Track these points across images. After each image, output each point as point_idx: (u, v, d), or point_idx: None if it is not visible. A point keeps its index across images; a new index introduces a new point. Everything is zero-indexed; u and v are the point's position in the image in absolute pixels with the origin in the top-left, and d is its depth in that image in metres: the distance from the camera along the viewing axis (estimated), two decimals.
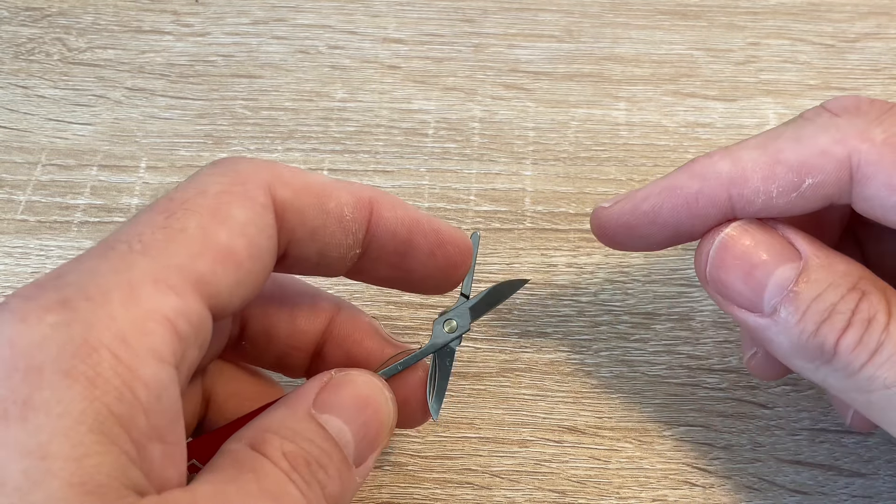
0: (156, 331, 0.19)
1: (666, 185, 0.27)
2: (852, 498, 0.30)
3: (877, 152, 0.24)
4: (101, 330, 0.18)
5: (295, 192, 0.23)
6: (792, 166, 0.25)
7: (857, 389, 0.24)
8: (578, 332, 0.34)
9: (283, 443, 0.22)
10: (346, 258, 0.25)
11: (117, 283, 0.19)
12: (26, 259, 0.36)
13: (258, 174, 0.22)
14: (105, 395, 0.18)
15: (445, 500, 0.30)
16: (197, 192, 0.22)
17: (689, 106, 0.41)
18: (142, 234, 0.20)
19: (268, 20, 0.44)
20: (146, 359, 0.19)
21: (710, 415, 0.32)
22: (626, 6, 0.44)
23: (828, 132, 0.25)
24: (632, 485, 0.30)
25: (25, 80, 0.42)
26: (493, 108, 0.41)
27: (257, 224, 0.22)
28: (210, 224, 0.21)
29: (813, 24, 0.44)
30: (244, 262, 0.21)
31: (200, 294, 0.20)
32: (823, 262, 0.24)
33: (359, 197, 0.24)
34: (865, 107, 0.25)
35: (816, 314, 0.24)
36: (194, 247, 0.20)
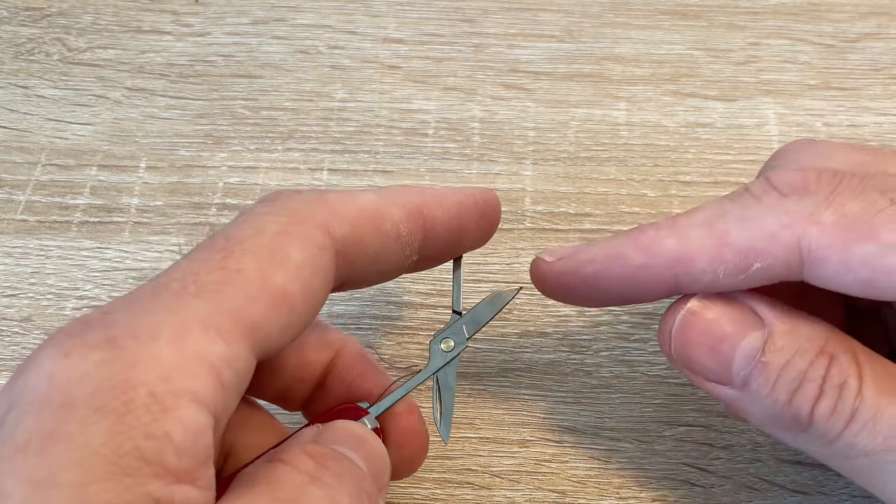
0: (199, 375, 0.19)
1: (610, 252, 0.26)
2: (852, 498, 0.30)
3: (828, 235, 0.23)
4: (142, 370, 0.18)
5: (352, 224, 0.23)
6: (739, 249, 0.24)
7: (838, 456, 0.24)
8: (578, 332, 0.34)
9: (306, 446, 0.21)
10: (402, 267, 0.25)
11: (167, 324, 0.19)
12: (26, 259, 0.36)
13: (315, 212, 0.22)
14: (132, 430, 0.18)
15: (445, 500, 0.30)
16: (254, 232, 0.21)
17: (690, 106, 0.41)
18: (197, 275, 0.20)
19: (268, 20, 0.44)
20: (185, 400, 0.18)
21: (711, 415, 0.32)
22: (626, 6, 0.44)
23: (775, 214, 0.24)
24: (632, 485, 0.30)
25: (25, 80, 0.42)
26: (493, 108, 0.41)
27: (313, 265, 0.22)
28: (267, 266, 0.21)
29: (813, 24, 0.44)
30: (297, 306, 0.21)
31: (250, 340, 0.20)
32: (788, 327, 0.24)
33: (409, 209, 0.24)
34: (813, 184, 0.24)
35: (787, 383, 0.23)
36: (250, 290, 0.20)
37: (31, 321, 0.34)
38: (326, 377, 0.27)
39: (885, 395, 0.23)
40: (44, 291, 0.35)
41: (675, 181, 0.38)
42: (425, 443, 0.27)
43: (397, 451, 0.26)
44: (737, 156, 0.39)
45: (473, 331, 0.28)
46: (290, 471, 0.21)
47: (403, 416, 0.26)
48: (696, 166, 0.38)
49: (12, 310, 0.34)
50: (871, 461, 0.23)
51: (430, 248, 0.25)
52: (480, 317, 0.28)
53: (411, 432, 0.26)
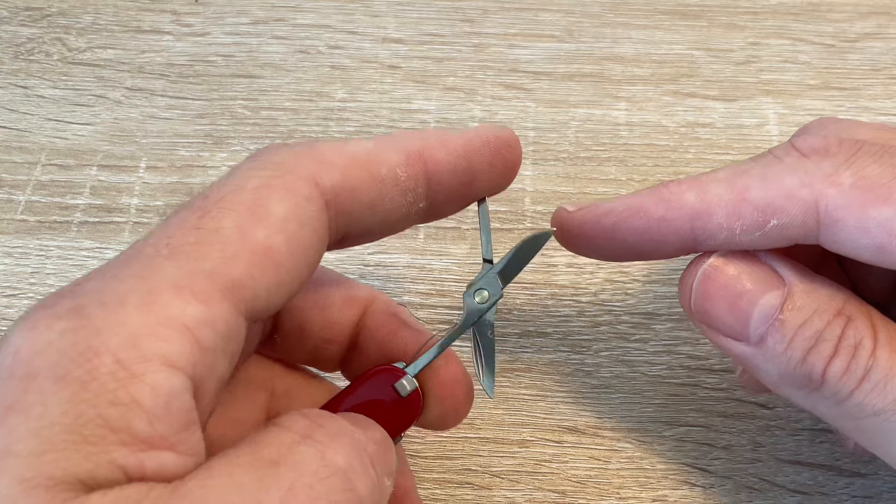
0: (170, 338, 0.18)
1: (630, 203, 0.26)
2: (852, 498, 0.30)
3: (845, 196, 0.23)
4: (108, 335, 0.18)
5: (343, 171, 0.22)
6: (758, 206, 0.24)
7: (847, 416, 0.24)
8: (578, 332, 0.34)
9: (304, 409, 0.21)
10: (410, 215, 0.24)
11: (135, 290, 0.18)
12: (26, 259, 0.36)
13: (299, 163, 0.21)
14: (95, 398, 0.17)
15: (445, 500, 0.30)
16: (234, 189, 0.21)
17: (690, 106, 0.41)
18: (171, 237, 0.20)
19: (268, 20, 0.44)
20: (155, 365, 0.18)
21: (711, 415, 0.32)
22: (627, 6, 0.44)
23: (795, 174, 0.24)
24: (632, 485, 0.30)
25: (25, 80, 0.42)
26: (493, 108, 0.41)
27: (299, 218, 0.21)
28: (247, 222, 0.20)
29: (813, 24, 0.44)
30: (284, 261, 0.20)
31: (233, 300, 0.19)
32: (807, 287, 0.24)
33: (408, 153, 0.23)
34: (834, 147, 0.25)
35: (803, 341, 0.24)
36: (229, 248, 0.19)
37: None
38: (358, 337, 0.26)
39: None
40: (44, 291, 0.35)
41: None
42: (470, 392, 0.26)
43: (440, 404, 0.25)
44: (737, 156, 0.39)
45: (508, 279, 0.26)
46: (279, 431, 0.20)
47: (443, 366, 0.25)
48: (697, 166, 0.38)
49: (12, 310, 0.34)
50: (879, 421, 0.23)
51: (438, 194, 0.24)
52: (513, 263, 0.26)
53: (453, 381, 0.26)
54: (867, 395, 0.23)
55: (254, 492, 0.18)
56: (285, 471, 0.19)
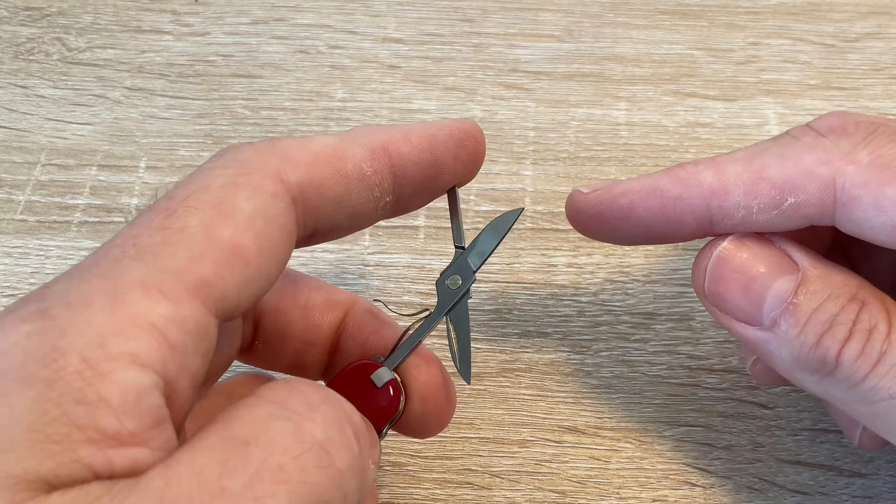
0: (138, 336, 0.18)
1: (647, 184, 0.26)
2: (853, 498, 0.30)
3: (863, 174, 0.24)
4: (73, 336, 0.17)
5: (308, 168, 0.22)
6: (775, 183, 0.25)
7: (861, 401, 0.24)
8: (578, 332, 0.34)
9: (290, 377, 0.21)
10: (377, 210, 0.24)
11: (101, 290, 0.18)
12: (25, 259, 0.36)
13: (264, 161, 0.21)
14: (60, 396, 0.17)
15: (445, 500, 0.30)
16: (199, 188, 0.20)
17: (690, 106, 0.41)
18: (138, 237, 0.19)
19: (268, 20, 0.44)
20: (123, 363, 0.18)
21: (711, 415, 0.32)
22: (627, 6, 0.44)
23: (813, 152, 0.25)
24: (632, 485, 0.30)
25: (25, 79, 0.42)
26: (493, 108, 0.40)
27: (266, 215, 0.21)
28: (213, 220, 0.20)
29: (813, 24, 0.44)
30: (253, 258, 0.20)
31: (202, 298, 0.19)
32: (821, 272, 0.24)
33: (372, 147, 0.23)
34: (852, 127, 0.25)
35: (817, 325, 0.24)
36: (195, 247, 0.19)
37: None
38: (339, 339, 0.26)
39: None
40: None
41: None
42: (451, 394, 0.26)
43: (422, 406, 0.25)
44: None
45: (480, 263, 0.26)
46: (256, 403, 0.20)
47: (423, 368, 0.25)
48: None
49: None
50: (894, 404, 0.23)
51: (404, 188, 0.24)
52: (485, 247, 0.26)
53: (433, 384, 0.26)
54: (882, 378, 0.23)
55: (216, 477, 0.17)
56: (254, 450, 0.18)
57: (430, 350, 0.26)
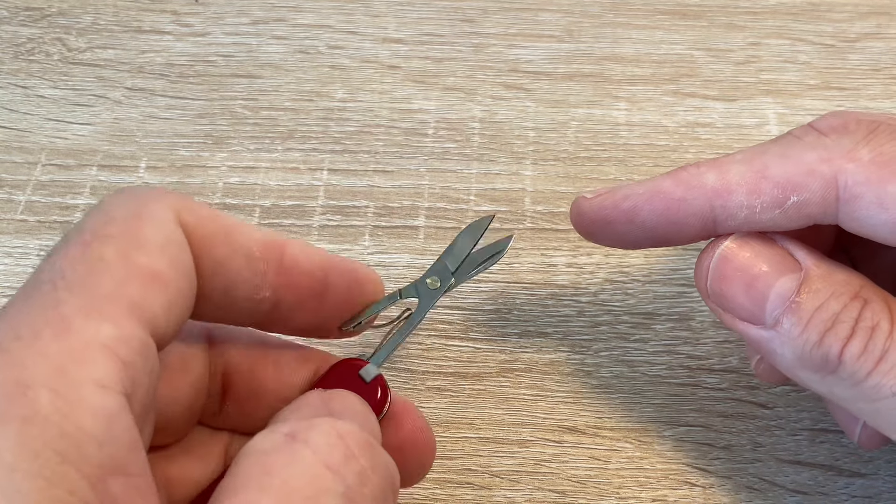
0: (95, 359, 0.18)
1: (650, 186, 0.27)
2: (852, 498, 0.30)
3: (864, 171, 0.24)
4: (33, 368, 0.17)
5: (200, 219, 0.22)
6: (778, 182, 0.25)
7: (864, 398, 0.24)
8: (578, 332, 0.34)
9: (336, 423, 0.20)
10: (254, 300, 0.23)
11: (46, 320, 0.18)
12: (26, 259, 0.36)
13: (162, 198, 0.22)
14: (43, 433, 0.17)
15: (445, 500, 0.30)
16: (105, 221, 0.20)
17: (690, 106, 0.41)
18: (63, 271, 0.19)
19: (268, 20, 0.44)
20: (89, 388, 0.17)
21: (711, 415, 0.32)
22: (626, 6, 0.44)
23: (815, 150, 0.25)
24: (632, 485, 0.30)
25: (25, 80, 0.42)
26: (493, 108, 0.41)
27: (175, 242, 0.21)
28: (128, 249, 0.20)
29: (813, 24, 0.44)
30: (171, 282, 0.20)
31: (137, 319, 0.19)
32: (824, 271, 0.24)
33: (269, 237, 0.23)
34: (853, 126, 0.25)
35: (820, 324, 0.24)
36: (118, 274, 0.19)
37: None
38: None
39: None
40: None
41: None
42: (431, 442, 0.26)
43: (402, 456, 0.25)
44: None
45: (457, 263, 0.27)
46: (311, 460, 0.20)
47: (404, 417, 0.26)
48: None
49: None
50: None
51: (286, 292, 0.24)
52: (461, 251, 0.28)
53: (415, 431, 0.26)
54: (884, 375, 0.23)
55: None
56: None
57: (403, 398, 0.26)
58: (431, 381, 0.32)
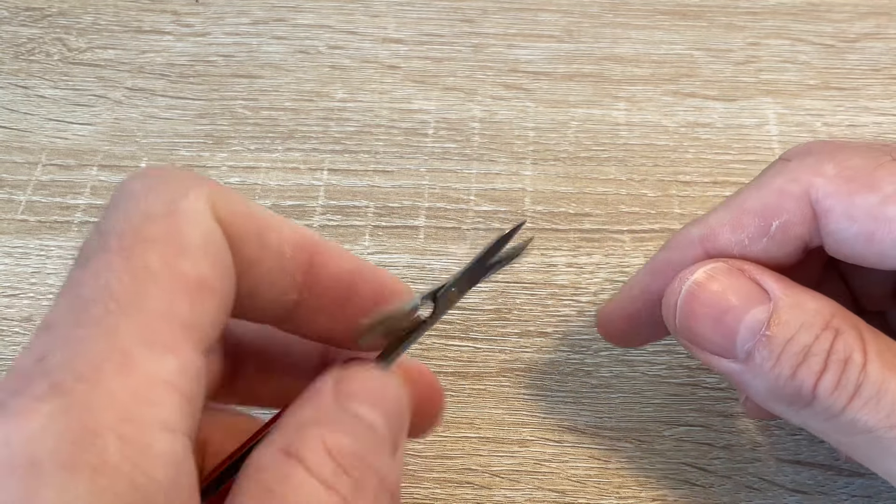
0: (161, 400, 0.17)
1: (650, 267, 0.27)
2: (852, 498, 0.30)
3: (831, 185, 0.24)
4: (100, 411, 0.16)
5: (234, 214, 0.20)
6: (756, 212, 0.25)
7: (840, 432, 0.24)
8: (578, 332, 0.34)
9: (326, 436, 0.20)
10: (279, 302, 0.22)
11: (107, 354, 0.17)
12: (26, 259, 0.36)
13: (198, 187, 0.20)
14: (115, 484, 0.16)
15: (445, 499, 0.30)
16: (143, 218, 0.19)
17: (689, 106, 0.41)
18: (110, 287, 0.18)
19: (268, 20, 0.44)
20: (156, 433, 0.17)
21: (710, 414, 0.32)
22: (626, 6, 0.44)
23: (782, 175, 0.25)
24: (632, 484, 0.30)
25: (25, 80, 0.42)
26: (493, 108, 0.41)
27: (216, 241, 0.20)
28: (172, 256, 0.19)
29: (813, 25, 0.44)
30: (217, 289, 0.19)
31: (191, 341, 0.18)
32: (793, 301, 0.24)
33: (302, 237, 0.22)
34: (816, 147, 0.26)
35: (791, 357, 0.23)
36: (165, 285, 0.18)
37: (32, 321, 0.34)
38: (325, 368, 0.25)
39: (889, 371, 0.23)
40: (44, 291, 0.35)
41: (675, 181, 0.38)
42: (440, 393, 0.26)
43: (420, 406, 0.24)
44: (737, 156, 0.39)
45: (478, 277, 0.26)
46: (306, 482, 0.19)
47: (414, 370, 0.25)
48: (696, 166, 0.38)
49: (13, 310, 0.34)
50: (873, 437, 0.23)
51: (314, 297, 0.23)
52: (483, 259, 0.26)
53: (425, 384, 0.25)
54: (859, 410, 0.23)
55: None
56: None
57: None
58: None
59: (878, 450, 0.23)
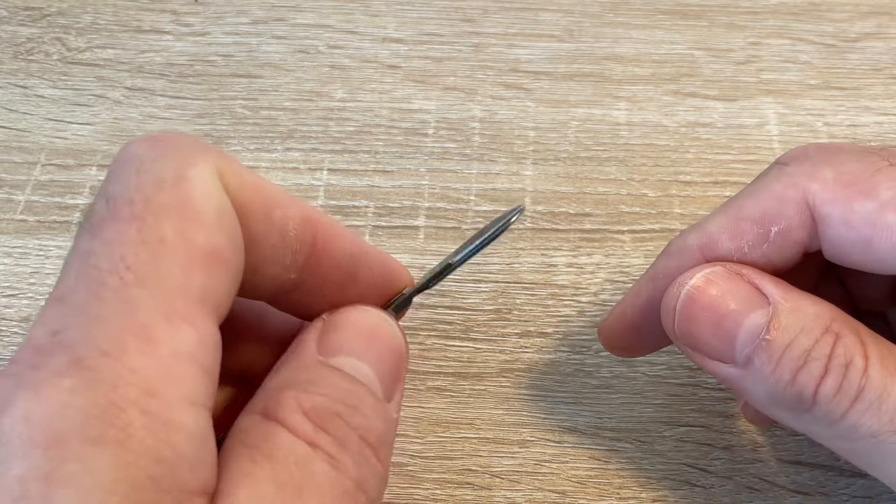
0: (184, 374, 0.17)
1: (649, 275, 0.27)
2: (853, 498, 0.30)
3: (829, 191, 0.24)
4: (125, 388, 0.17)
5: (242, 185, 0.20)
6: (755, 219, 0.25)
7: (841, 437, 0.23)
8: (578, 332, 0.34)
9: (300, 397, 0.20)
10: (278, 280, 0.22)
11: (129, 329, 0.17)
12: (25, 259, 0.36)
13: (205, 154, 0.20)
14: (140, 458, 0.16)
15: (445, 500, 0.30)
16: (154, 186, 0.19)
17: (690, 106, 0.40)
18: (125, 258, 0.18)
19: (267, 20, 0.44)
20: (180, 407, 0.17)
21: (711, 415, 0.32)
22: (627, 6, 0.44)
23: (780, 180, 0.25)
24: (632, 485, 0.30)
25: (25, 79, 0.42)
26: (493, 108, 0.40)
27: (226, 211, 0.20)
28: (186, 226, 0.19)
29: (813, 24, 0.44)
30: (229, 259, 0.19)
31: (206, 310, 0.18)
32: (793, 305, 0.24)
33: (307, 215, 0.22)
34: (812, 151, 0.25)
35: (791, 361, 0.23)
36: (180, 257, 0.18)
37: (31, 321, 0.34)
38: None
39: (890, 376, 0.22)
40: (43, 291, 0.35)
41: (676, 181, 0.38)
42: None
43: None
44: (737, 156, 0.39)
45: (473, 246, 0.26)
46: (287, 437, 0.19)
47: None
48: (697, 166, 0.38)
49: (12, 310, 0.34)
50: (875, 442, 0.22)
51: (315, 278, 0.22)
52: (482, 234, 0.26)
53: None
54: (861, 415, 0.22)
55: None
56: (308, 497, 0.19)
57: None
58: (431, 381, 0.32)
59: (880, 455, 0.23)
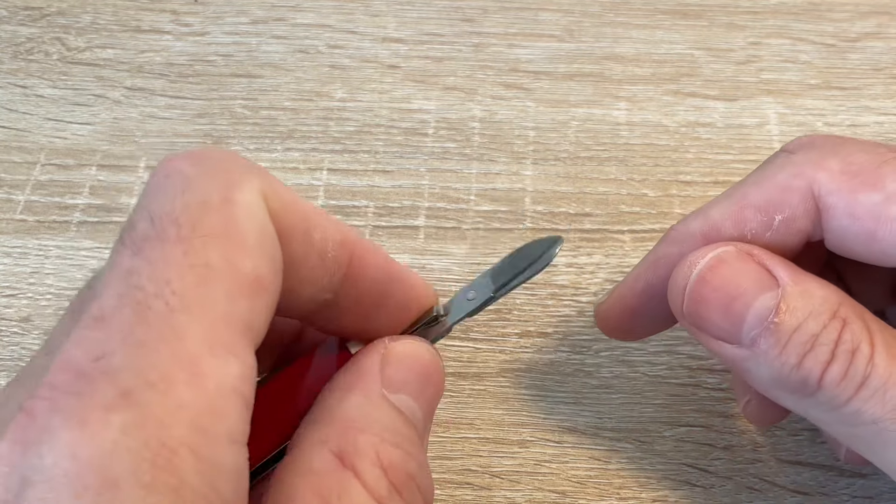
0: (228, 410, 0.17)
1: (650, 259, 0.27)
2: (853, 498, 0.30)
3: (835, 181, 0.24)
4: (174, 427, 0.16)
5: (284, 207, 0.20)
6: (759, 207, 0.25)
7: (842, 423, 0.23)
8: (578, 332, 0.34)
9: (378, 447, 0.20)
10: (314, 301, 0.22)
11: (175, 360, 0.17)
12: (25, 259, 0.36)
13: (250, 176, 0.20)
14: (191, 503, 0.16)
15: (445, 500, 0.30)
16: (200, 208, 0.19)
17: (690, 106, 0.40)
18: (170, 282, 0.18)
19: (267, 20, 0.44)
20: (223, 446, 0.17)
21: (711, 415, 0.32)
22: (627, 5, 0.44)
23: (785, 169, 0.25)
24: (632, 485, 0.30)
25: (24, 79, 0.42)
26: (493, 108, 0.40)
27: (269, 236, 0.19)
28: (232, 252, 0.18)
29: (814, 24, 0.43)
30: (271, 286, 0.19)
31: (247, 340, 0.18)
32: (802, 288, 0.24)
33: (345, 236, 0.21)
34: (819, 141, 0.25)
35: (798, 346, 0.23)
36: (225, 284, 0.18)
37: (30, 321, 0.34)
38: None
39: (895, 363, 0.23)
40: (43, 291, 0.35)
41: (676, 181, 0.38)
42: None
43: None
44: (737, 155, 0.39)
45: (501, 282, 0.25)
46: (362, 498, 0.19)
47: None
48: (697, 166, 0.38)
49: (11, 310, 0.34)
50: (877, 429, 0.23)
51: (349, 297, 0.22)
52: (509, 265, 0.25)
53: None
54: (865, 402, 0.22)
55: None
56: None
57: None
58: None
59: (881, 442, 0.23)
